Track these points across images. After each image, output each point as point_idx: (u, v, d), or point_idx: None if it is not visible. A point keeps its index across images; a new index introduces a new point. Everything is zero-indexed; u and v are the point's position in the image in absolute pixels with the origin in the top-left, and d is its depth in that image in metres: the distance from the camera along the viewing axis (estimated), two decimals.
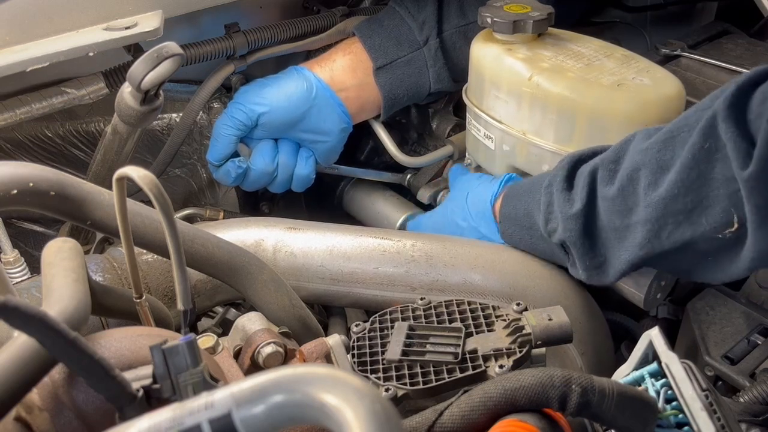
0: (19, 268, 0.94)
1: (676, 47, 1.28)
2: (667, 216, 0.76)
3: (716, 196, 0.71)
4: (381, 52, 1.22)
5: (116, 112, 0.96)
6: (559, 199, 0.87)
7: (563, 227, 0.86)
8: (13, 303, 0.45)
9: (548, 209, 0.90)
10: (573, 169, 0.89)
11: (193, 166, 1.31)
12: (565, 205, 0.86)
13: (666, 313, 1.09)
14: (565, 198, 0.87)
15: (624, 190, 0.80)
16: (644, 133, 0.81)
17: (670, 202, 0.74)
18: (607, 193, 0.82)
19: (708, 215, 0.72)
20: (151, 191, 0.54)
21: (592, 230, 0.85)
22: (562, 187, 0.87)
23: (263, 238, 1.01)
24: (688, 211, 0.74)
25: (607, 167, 0.83)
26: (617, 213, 0.81)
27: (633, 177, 0.79)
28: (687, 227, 0.75)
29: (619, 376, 0.67)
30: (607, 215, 0.82)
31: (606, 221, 0.83)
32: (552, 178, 0.90)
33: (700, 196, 0.72)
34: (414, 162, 1.34)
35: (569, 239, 0.86)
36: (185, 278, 0.58)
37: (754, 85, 0.69)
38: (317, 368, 0.42)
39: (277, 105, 1.18)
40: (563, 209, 0.86)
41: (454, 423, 0.60)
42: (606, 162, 0.83)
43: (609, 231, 0.83)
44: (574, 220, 0.85)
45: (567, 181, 0.88)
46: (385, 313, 0.79)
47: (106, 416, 0.53)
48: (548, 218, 0.90)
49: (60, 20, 0.98)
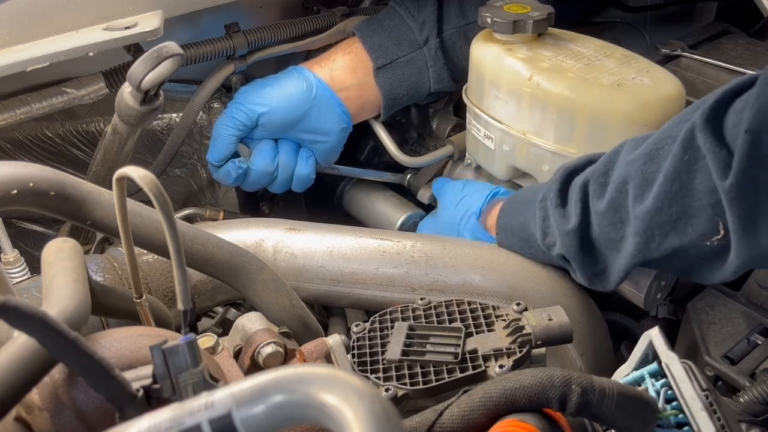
0: (19, 268, 0.94)
1: (676, 47, 1.29)
2: (654, 227, 0.76)
3: (699, 206, 0.72)
4: (381, 52, 1.22)
5: (116, 112, 0.96)
6: (555, 215, 0.87)
7: (561, 242, 0.87)
8: (13, 303, 0.45)
9: (544, 224, 0.90)
10: (566, 182, 0.89)
11: (193, 166, 1.31)
12: (561, 221, 0.87)
13: (666, 313, 1.09)
14: (560, 214, 0.87)
15: (614, 203, 0.80)
16: (632, 144, 0.82)
17: (656, 215, 0.75)
18: (599, 208, 0.82)
19: (694, 224, 0.73)
20: (151, 191, 0.54)
21: (588, 243, 0.85)
22: (556, 202, 0.88)
23: (263, 239, 1.01)
24: (674, 222, 0.74)
25: (597, 180, 0.83)
26: (610, 225, 0.82)
27: (621, 190, 0.80)
28: (674, 236, 0.75)
29: (619, 376, 0.67)
30: (601, 228, 0.83)
31: (600, 234, 0.83)
32: (546, 193, 0.90)
33: (683, 206, 0.73)
34: (414, 162, 1.34)
35: (568, 253, 0.87)
36: (185, 278, 0.58)
37: (732, 97, 0.69)
38: (317, 368, 0.42)
39: (277, 105, 1.18)
40: (559, 226, 0.87)
41: (454, 423, 0.60)
42: (596, 175, 0.84)
43: (605, 242, 0.84)
44: (570, 236, 0.85)
45: (560, 196, 0.88)
46: (385, 313, 0.79)
47: (106, 416, 0.53)
48: (545, 232, 0.90)
49: (60, 20, 0.98)
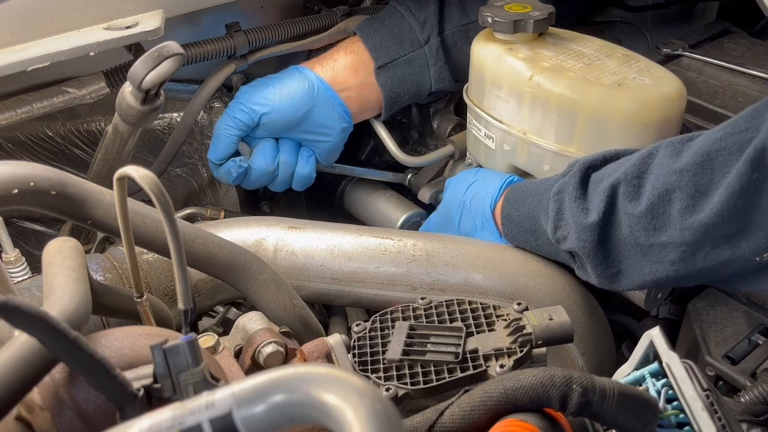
0: (20, 267, 0.94)
1: (677, 47, 1.28)
2: (706, 239, 0.75)
3: (761, 222, 0.71)
4: (382, 51, 1.22)
5: (117, 111, 0.96)
6: (573, 208, 0.86)
7: (577, 237, 0.86)
8: (14, 302, 0.45)
9: (558, 216, 0.89)
10: (585, 176, 0.88)
11: (193, 166, 1.32)
12: (579, 215, 0.85)
13: (667, 312, 1.09)
14: (580, 207, 0.85)
15: (653, 209, 0.79)
16: (670, 149, 0.80)
17: (712, 228, 0.74)
18: (634, 210, 0.81)
19: (749, 240, 0.73)
20: (151, 190, 0.54)
21: (607, 242, 0.84)
22: (576, 195, 0.86)
23: (264, 238, 1.01)
24: (729, 236, 0.74)
25: (630, 182, 0.81)
26: (643, 230, 0.80)
27: (664, 198, 0.78)
28: (725, 249, 0.75)
29: (620, 376, 0.67)
30: (630, 230, 0.81)
31: (628, 236, 0.82)
32: (563, 186, 0.89)
33: (744, 222, 0.72)
34: (415, 161, 1.34)
35: (582, 249, 0.86)
36: (186, 278, 0.58)
37: None
38: (318, 368, 0.42)
39: (279, 105, 1.18)
40: (578, 219, 0.85)
41: (455, 422, 0.60)
42: (629, 177, 0.82)
43: (629, 245, 0.82)
44: (589, 231, 0.84)
45: (580, 189, 0.86)
46: (385, 312, 0.79)
47: (107, 415, 0.53)
48: (558, 225, 0.89)
49: (61, 20, 0.98)
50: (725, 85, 1.18)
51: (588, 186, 0.87)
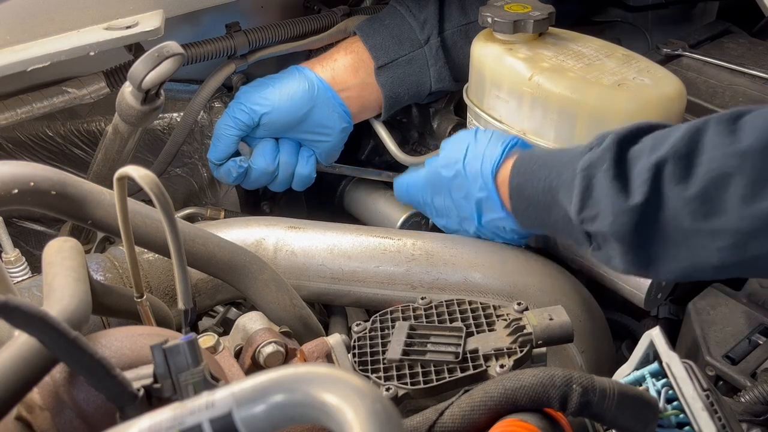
0: (20, 267, 0.94)
1: (677, 47, 1.28)
2: (765, 229, 0.70)
3: None
4: (382, 51, 1.22)
5: (117, 111, 0.96)
6: (609, 188, 0.77)
7: (613, 220, 0.77)
8: (14, 302, 0.45)
9: (586, 194, 0.80)
10: (621, 152, 0.79)
11: (194, 166, 1.32)
12: (618, 196, 0.76)
13: (667, 312, 1.09)
14: (619, 188, 0.77)
15: (706, 194, 0.72)
16: (721, 126, 0.73)
17: None
18: (682, 193, 0.73)
19: None
20: (152, 190, 0.54)
21: (646, 226, 0.76)
22: (614, 174, 0.77)
23: (264, 237, 1.01)
24: None
25: (678, 163, 0.74)
26: (689, 215, 0.73)
27: (719, 182, 0.71)
28: None
29: (620, 376, 0.67)
30: (675, 214, 0.74)
31: (672, 220, 0.74)
32: (593, 160, 0.80)
33: None
34: (415, 161, 1.34)
35: (616, 233, 0.77)
36: (186, 277, 0.58)
37: None
38: (318, 368, 0.42)
39: (279, 105, 1.18)
40: (615, 201, 0.76)
41: (455, 422, 0.60)
42: (677, 156, 0.74)
43: (671, 230, 0.75)
44: (629, 214, 0.75)
45: (618, 167, 0.78)
46: (385, 312, 0.79)
47: (107, 415, 0.53)
48: (585, 204, 0.80)
49: (61, 20, 0.98)
50: (725, 85, 1.18)
51: (626, 163, 0.78)
